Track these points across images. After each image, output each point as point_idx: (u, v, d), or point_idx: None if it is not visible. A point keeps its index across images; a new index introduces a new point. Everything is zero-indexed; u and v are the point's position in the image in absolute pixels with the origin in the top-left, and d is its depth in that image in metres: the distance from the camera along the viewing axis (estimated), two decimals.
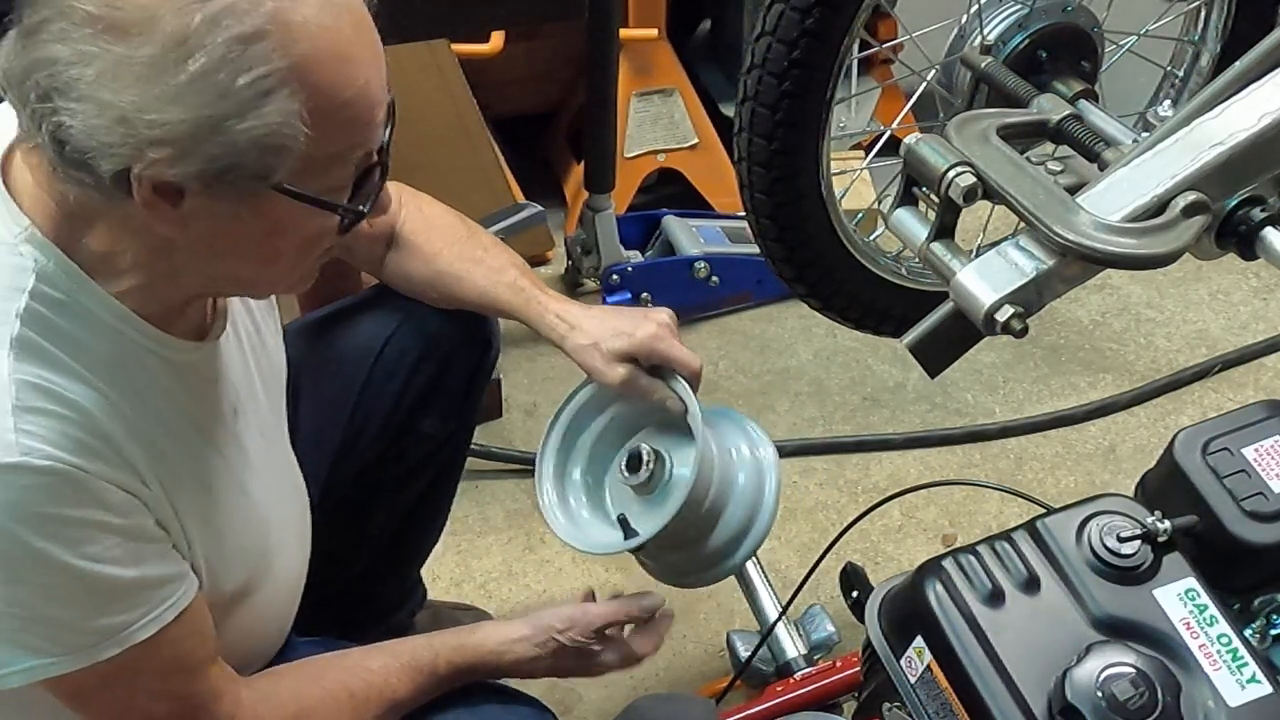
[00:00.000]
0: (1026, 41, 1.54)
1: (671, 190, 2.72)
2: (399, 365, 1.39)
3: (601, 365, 1.26)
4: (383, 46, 0.93)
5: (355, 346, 1.39)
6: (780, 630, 1.44)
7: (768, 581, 1.49)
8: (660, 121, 2.63)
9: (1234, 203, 1.10)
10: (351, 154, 0.92)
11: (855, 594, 1.14)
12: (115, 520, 0.94)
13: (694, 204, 2.66)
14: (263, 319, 1.20)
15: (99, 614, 0.95)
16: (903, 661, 0.97)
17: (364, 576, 1.51)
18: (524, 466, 2.16)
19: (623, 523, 1.23)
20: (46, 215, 0.92)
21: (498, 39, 2.29)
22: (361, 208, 0.95)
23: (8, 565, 0.90)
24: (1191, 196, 1.05)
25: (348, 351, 1.40)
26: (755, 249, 1.62)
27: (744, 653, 1.41)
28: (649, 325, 1.26)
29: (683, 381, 1.24)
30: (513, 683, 1.27)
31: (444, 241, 1.35)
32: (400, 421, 1.41)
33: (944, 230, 1.14)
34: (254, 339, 1.17)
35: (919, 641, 0.95)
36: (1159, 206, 1.06)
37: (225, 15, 0.82)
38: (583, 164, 2.34)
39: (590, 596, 1.29)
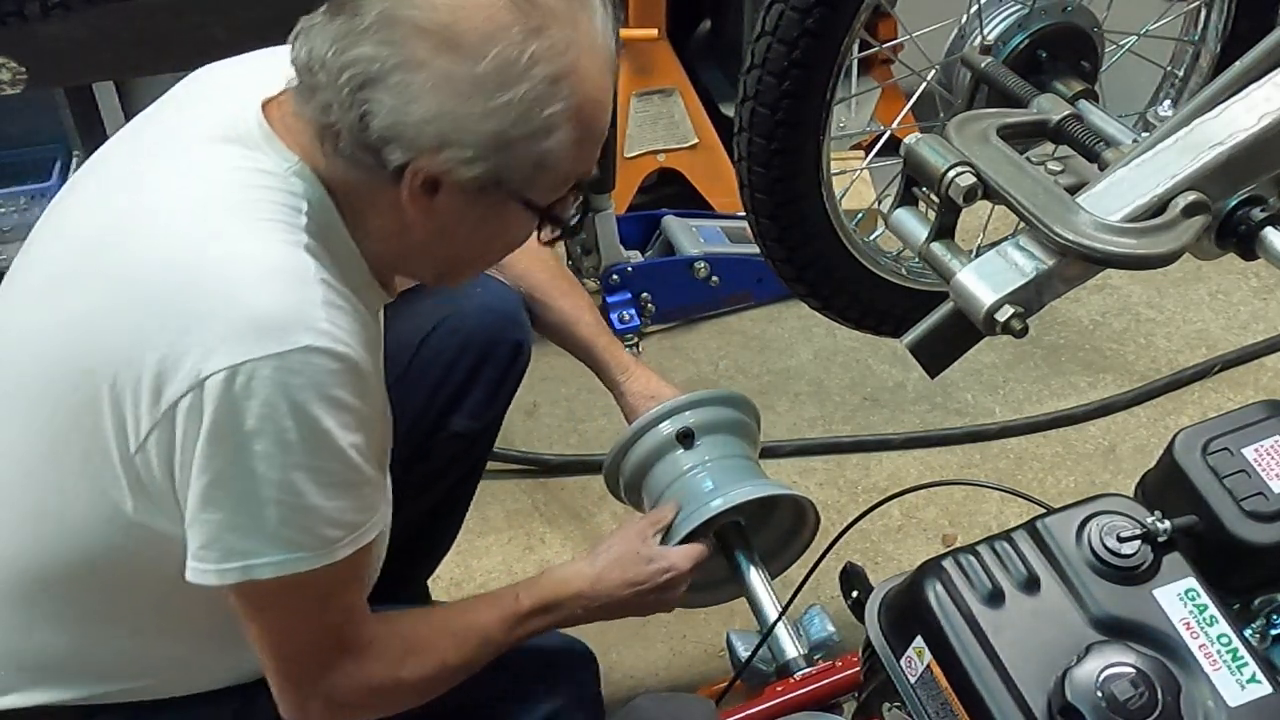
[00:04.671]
0: (1026, 41, 1.54)
1: (671, 190, 2.72)
2: (434, 363, 1.46)
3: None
4: None
5: (394, 342, 1.42)
6: (780, 630, 1.44)
7: (768, 581, 1.49)
8: (660, 121, 2.63)
9: (1234, 203, 1.10)
10: (580, 177, 1.07)
11: (855, 594, 1.14)
12: (376, 421, 1.06)
13: (694, 204, 2.66)
14: None
15: (350, 511, 1.04)
16: (903, 661, 0.97)
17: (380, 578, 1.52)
18: (524, 466, 2.16)
19: None
20: (310, 161, 1.03)
21: None
22: (572, 222, 1.11)
23: (296, 446, 0.97)
24: (1191, 196, 1.05)
25: (387, 347, 1.43)
26: (755, 249, 1.62)
27: (744, 653, 1.41)
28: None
29: None
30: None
31: (534, 263, 1.52)
32: (432, 420, 1.46)
33: (944, 230, 1.13)
34: None
35: (919, 641, 0.95)
36: (1159, 206, 1.06)
37: (546, 54, 0.96)
38: None
39: None
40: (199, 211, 1.01)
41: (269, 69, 1.07)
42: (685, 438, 1.48)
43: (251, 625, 1.06)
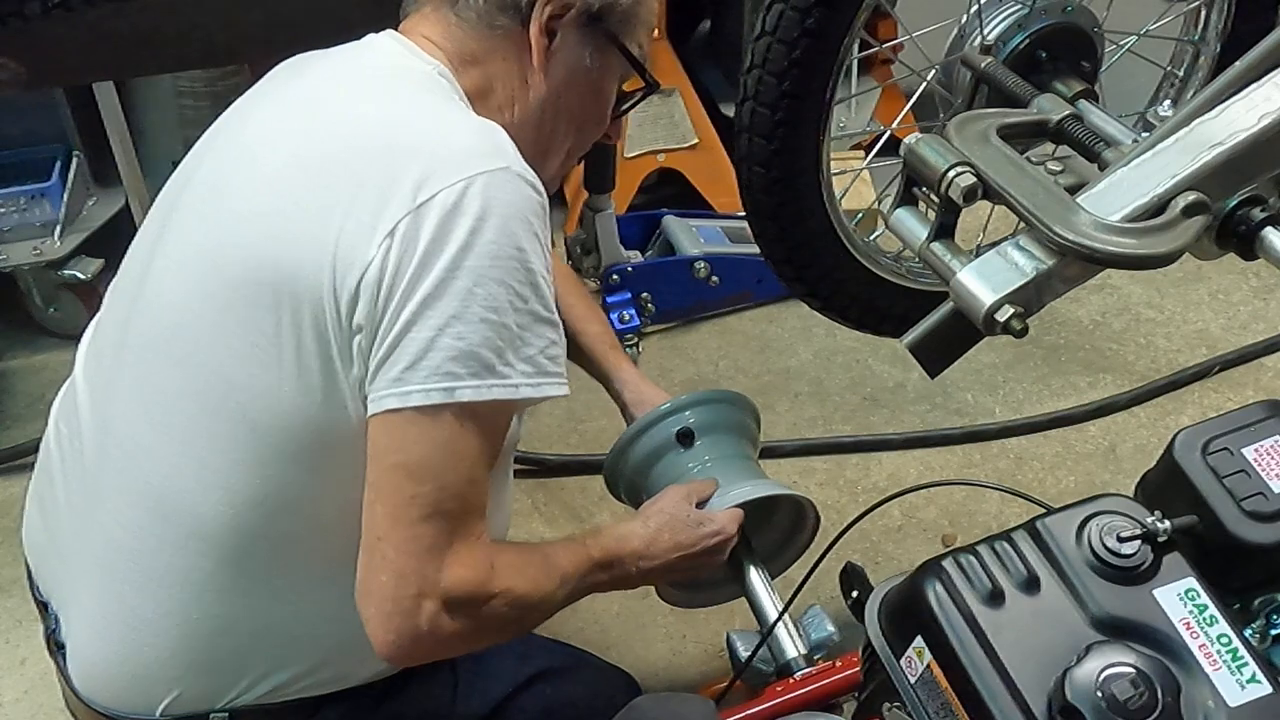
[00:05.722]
0: (1026, 41, 1.54)
1: (671, 190, 2.72)
2: None
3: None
4: None
5: None
6: (780, 630, 1.44)
7: (768, 581, 1.49)
8: (660, 121, 2.63)
9: (1234, 203, 1.09)
10: (648, 36, 1.29)
11: (855, 594, 1.14)
12: (549, 261, 1.11)
13: (694, 204, 2.66)
14: None
15: (535, 347, 1.09)
16: (903, 661, 0.97)
17: None
18: (524, 466, 2.17)
19: None
20: (443, 60, 1.20)
21: None
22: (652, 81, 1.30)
23: (501, 262, 1.04)
24: (1191, 196, 1.05)
25: None
26: (755, 249, 1.62)
27: (744, 653, 1.41)
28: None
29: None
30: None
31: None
32: None
33: (944, 230, 1.13)
34: None
35: (919, 641, 0.95)
36: (1159, 206, 1.06)
37: None
38: (582, 164, 2.34)
39: None
40: (387, 88, 1.16)
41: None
42: (685, 437, 1.49)
43: (398, 479, 1.05)
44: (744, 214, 1.57)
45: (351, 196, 1.05)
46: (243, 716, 1.20)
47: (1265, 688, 0.88)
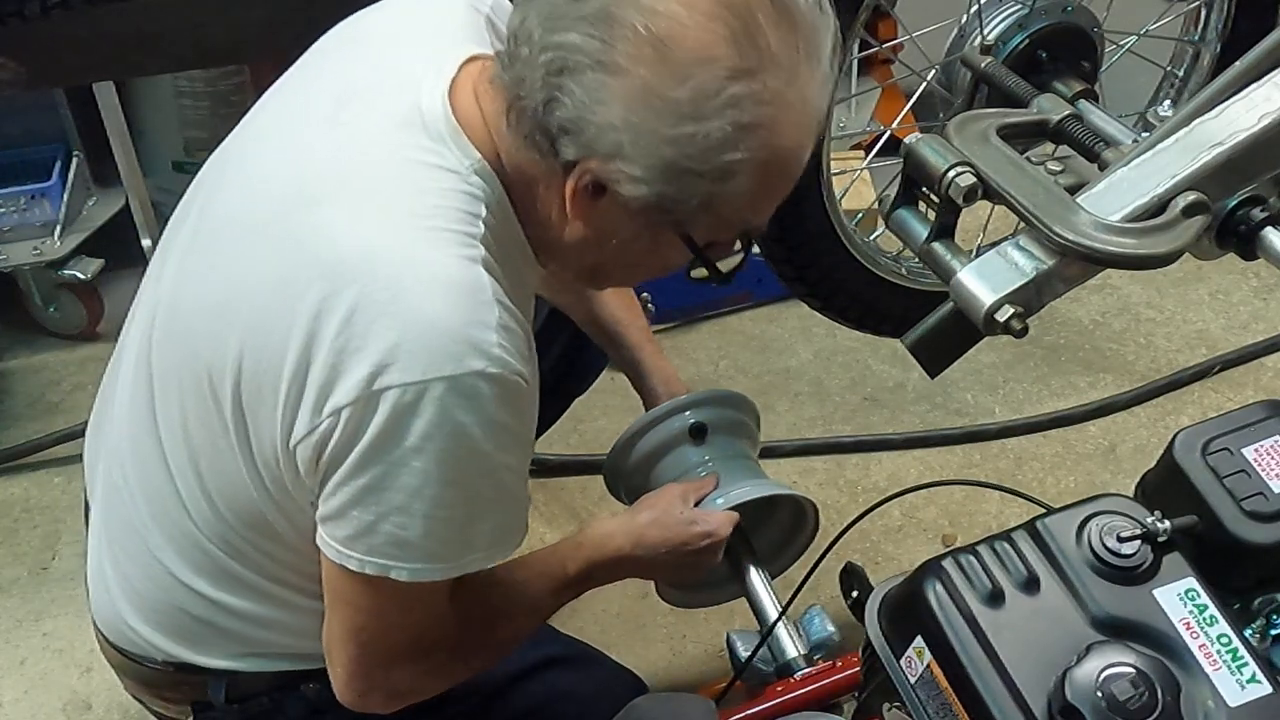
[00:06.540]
0: (1026, 41, 1.55)
1: None
2: None
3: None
4: None
5: None
6: (780, 630, 1.44)
7: (768, 581, 1.49)
8: None
9: (1234, 203, 1.10)
10: (746, 229, 1.07)
11: (855, 594, 1.14)
12: (527, 436, 1.06)
13: None
14: None
15: (490, 532, 1.05)
16: (903, 661, 0.97)
17: None
18: None
19: None
20: (490, 151, 1.03)
21: None
22: (727, 272, 1.08)
23: (453, 466, 0.98)
24: (1191, 196, 1.05)
25: None
26: (755, 249, 1.62)
27: (744, 653, 1.41)
28: None
29: None
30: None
31: None
32: None
33: (944, 230, 1.13)
34: None
35: (919, 641, 0.95)
36: (1159, 206, 1.06)
37: (746, 99, 0.93)
38: None
39: None
40: (383, 210, 0.99)
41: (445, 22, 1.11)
42: (697, 433, 1.48)
43: (348, 609, 1.07)
44: None
45: (307, 335, 0.96)
46: (242, 678, 1.21)
47: (1265, 688, 0.88)
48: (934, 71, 1.64)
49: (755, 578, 1.48)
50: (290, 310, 0.97)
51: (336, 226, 0.99)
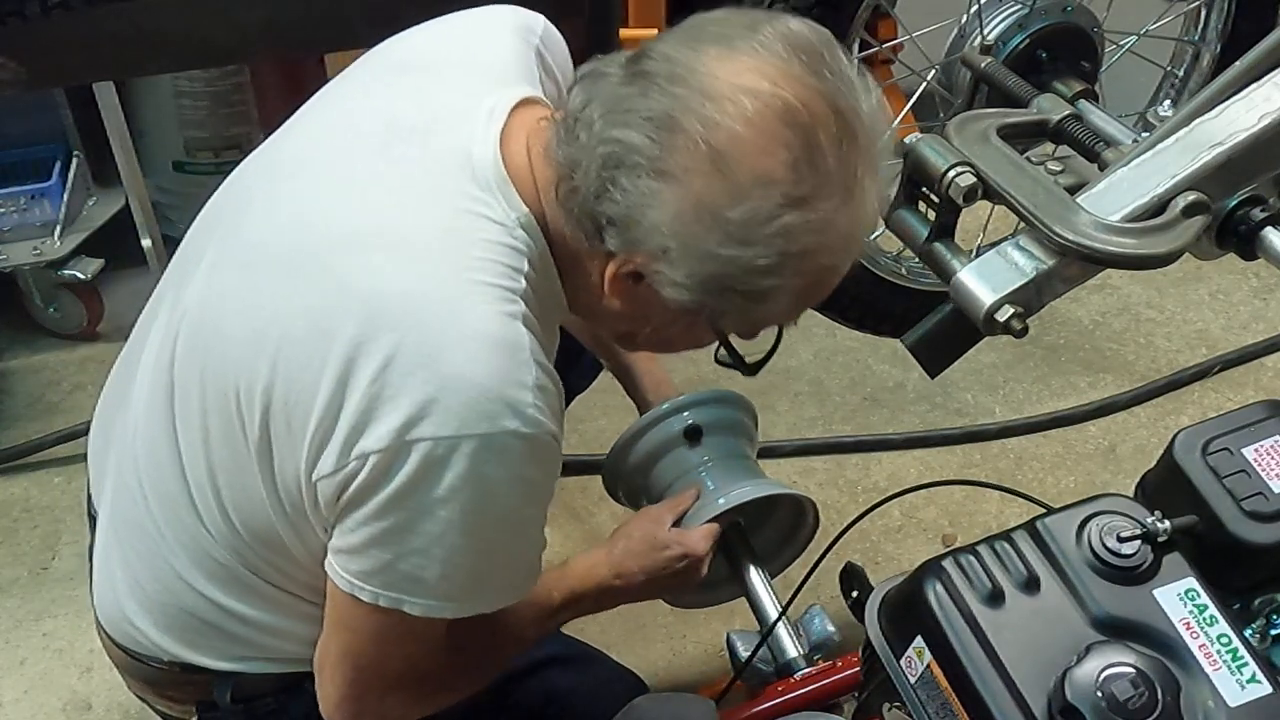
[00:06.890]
0: (1026, 41, 1.55)
1: None
2: None
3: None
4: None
5: None
6: (780, 630, 1.44)
7: (768, 581, 1.49)
8: None
9: (1234, 203, 1.10)
10: (779, 328, 1.08)
11: (855, 594, 1.14)
12: (551, 487, 1.06)
13: None
14: None
15: (507, 579, 1.08)
16: (903, 661, 0.97)
17: None
18: None
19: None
20: (536, 206, 1.02)
21: None
22: (753, 364, 1.09)
23: (477, 518, 0.98)
24: (1191, 196, 1.05)
25: None
26: None
27: (744, 653, 1.41)
28: None
29: None
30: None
31: None
32: None
33: (944, 230, 1.13)
34: None
35: (919, 641, 0.95)
36: (1159, 206, 1.06)
37: (796, 230, 0.93)
38: None
39: None
40: (426, 258, 0.98)
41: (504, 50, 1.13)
42: (692, 435, 1.48)
43: (348, 634, 1.07)
44: None
45: (341, 374, 0.96)
46: (247, 679, 1.21)
47: (1265, 688, 0.88)
48: (934, 71, 1.65)
49: (755, 578, 1.48)
50: (325, 348, 0.96)
51: (379, 270, 0.98)
